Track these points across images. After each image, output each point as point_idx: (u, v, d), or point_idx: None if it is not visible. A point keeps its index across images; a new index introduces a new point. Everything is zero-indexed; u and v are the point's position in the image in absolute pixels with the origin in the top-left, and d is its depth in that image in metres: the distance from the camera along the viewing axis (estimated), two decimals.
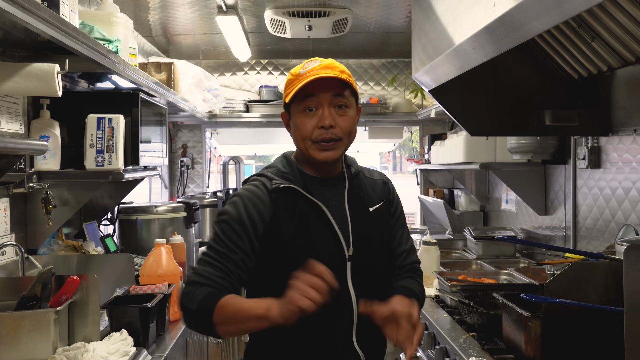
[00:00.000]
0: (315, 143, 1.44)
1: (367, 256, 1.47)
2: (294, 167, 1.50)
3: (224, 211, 1.44)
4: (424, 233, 3.43)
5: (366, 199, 1.53)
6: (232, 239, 1.39)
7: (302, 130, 1.44)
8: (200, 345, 2.52)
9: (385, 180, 1.63)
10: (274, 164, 1.54)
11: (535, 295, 1.52)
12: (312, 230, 1.43)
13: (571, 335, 1.58)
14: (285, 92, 1.49)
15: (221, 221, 1.42)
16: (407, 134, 5.40)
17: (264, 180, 1.47)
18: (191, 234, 3.06)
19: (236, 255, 1.38)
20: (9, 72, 1.70)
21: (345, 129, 1.45)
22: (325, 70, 1.42)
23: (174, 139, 4.68)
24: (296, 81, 1.44)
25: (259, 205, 1.42)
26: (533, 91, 2.29)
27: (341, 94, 1.44)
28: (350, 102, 1.46)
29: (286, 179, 1.45)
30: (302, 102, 1.43)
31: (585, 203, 2.64)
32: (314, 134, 1.43)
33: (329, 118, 1.42)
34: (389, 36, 3.99)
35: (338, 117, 1.43)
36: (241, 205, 1.42)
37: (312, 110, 1.43)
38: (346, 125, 1.45)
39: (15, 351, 1.54)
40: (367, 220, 1.51)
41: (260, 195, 1.43)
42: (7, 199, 2.08)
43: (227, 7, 3.17)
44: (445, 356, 2.04)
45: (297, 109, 1.45)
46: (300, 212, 1.43)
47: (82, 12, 2.13)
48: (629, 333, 1.22)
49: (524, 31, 1.29)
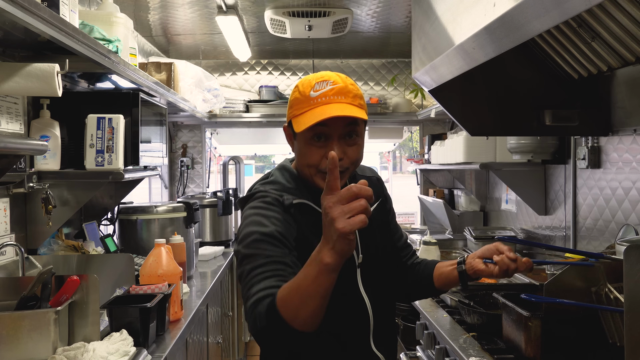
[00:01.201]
0: (320, 173, 1.36)
1: (375, 259, 1.46)
2: (298, 182, 1.42)
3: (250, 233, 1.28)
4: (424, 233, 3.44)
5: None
6: (270, 249, 1.25)
7: (309, 159, 1.36)
8: (200, 345, 2.52)
9: (378, 177, 1.62)
10: (276, 180, 1.43)
11: (535, 295, 1.51)
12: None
13: (571, 335, 1.58)
14: (291, 111, 1.39)
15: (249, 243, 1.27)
16: (407, 134, 5.40)
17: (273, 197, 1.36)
18: (191, 234, 3.06)
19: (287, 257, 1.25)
20: (9, 72, 1.70)
21: (354, 159, 1.38)
22: (339, 98, 1.32)
23: (174, 139, 4.68)
24: (305, 104, 1.33)
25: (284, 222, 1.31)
26: (533, 91, 2.29)
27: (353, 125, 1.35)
28: (361, 130, 1.38)
29: (295, 195, 1.38)
30: (310, 130, 1.32)
31: (585, 203, 2.64)
32: (322, 164, 1.35)
33: (338, 151, 1.32)
34: (389, 36, 3.99)
35: (347, 148, 1.35)
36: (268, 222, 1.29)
37: (321, 139, 1.34)
38: (354, 155, 1.37)
39: (15, 351, 1.54)
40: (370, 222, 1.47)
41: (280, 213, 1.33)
42: (7, 199, 2.08)
43: (227, 7, 3.17)
44: (445, 356, 2.04)
45: (304, 134, 1.35)
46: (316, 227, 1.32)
47: (82, 12, 2.13)
48: (629, 333, 1.22)
49: (524, 31, 1.29)
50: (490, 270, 1.43)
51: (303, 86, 1.37)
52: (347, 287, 1.40)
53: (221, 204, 3.98)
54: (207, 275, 3.13)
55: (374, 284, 1.45)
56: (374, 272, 1.46)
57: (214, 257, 3.64)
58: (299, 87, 1.38)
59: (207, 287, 2.79)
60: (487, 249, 1.47)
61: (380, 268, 1.49)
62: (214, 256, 3.65)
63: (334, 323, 1.34)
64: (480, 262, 1.45)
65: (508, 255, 1.41)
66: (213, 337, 2.86)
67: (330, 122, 1.31)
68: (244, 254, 1.27)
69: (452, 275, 1.51)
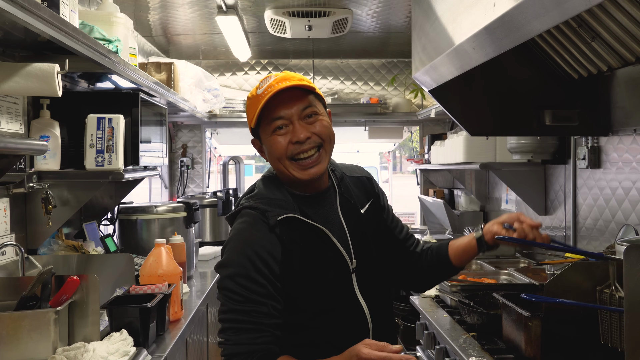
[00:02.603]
0: (293, 161, 1.35)
1: (369, 262, 1.45)
2: (283, 191, 1.39)
3: (231, 262, 1.30)
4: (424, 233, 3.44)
5: (357, 202, 1.48)
6: (253, 291, 1.26)
7: (276, 150, 1.35)
8: (200, 345, 2.52)
9: (368, 176, 1.58)
10: (260, 193, 1.40)
11: (535, 295, 1.52)
12: (318, 254, 1.36)
13: (571, 335, 1.58)
14: (248, 117, 1.40)
15: (234, 275, 1.28)
16: (407, 134, 5.40)
17: (258, 214, 1.34)
18: (191, 234, 3.06)
19: (264, 306, 1.27)
20: (9, 72, 1.70)
21: (323, 134, 1.36)
22: (283, 83, 1.33)
23: (174, 139, 4.68)
24: (256, 102, 1.35)
25: (267, 245, 1.30)
26: (533, 91, 2.29)
27: (308, 105, 1.35)
28: (319, 109, 1.38)
29: (281, 207, 1.35)
30: (269, 124, 1.35)
31: (585, 203, 2.64)
32: (289, 150, 1.34)
33: (302, 131, 1.33)
34: (389, 36, 3.99)
35: (310, 126, 1.35)
36: (250, 251, 1.29)
37: (282, 128, 1.34)
38: (322, 130, 1.36)
39: (15, 351, 1.54)
40: (361, 224, 1.46)
41: (264, 233, 1.31)
42: (7, 199, 2.08)
43: (227, 7, 3.17)
44: (445, 356, 2.04)
45: (265, 131, 1.37)
46: (304, 239, 1.35)
47: (82, 12, 2.13)
48: (629, 333, 1.22)
49: (524, 31, 1.29)
50: (509, 234, 1.44)
51: (251, 92, 1.40)
52: (344, 294, 1.39)
53: (221, 204, 3.98)
54: (207, 275, 3.13)
55: (370, 288, 1.43)
56: (369, 275, 1.44)
57: (214, 257, 3.64)
58: (248, 95, 1.41)
59: (207, 287, 2.79)
60: (508, 216, 1.49)
61: (376, 271, 1.47)
62: (214, 256, 3.65)
63: (334, 333, 1.35)
64: (500, 226, 1.46)
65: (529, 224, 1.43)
66: (213, 337, 2.86)
67: (284, 109, 1.33)
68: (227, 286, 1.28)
69: (469, 246, 1.51)
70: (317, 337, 1.35)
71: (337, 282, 1.38)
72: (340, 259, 1.38)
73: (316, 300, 1.34)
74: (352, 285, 1.40)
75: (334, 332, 1.35)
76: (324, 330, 1.35)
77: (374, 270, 1.46)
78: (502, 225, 1.47)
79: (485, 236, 1.49)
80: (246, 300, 1.26)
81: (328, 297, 1.35)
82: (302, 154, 1.35)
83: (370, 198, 1.53)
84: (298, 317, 1.34)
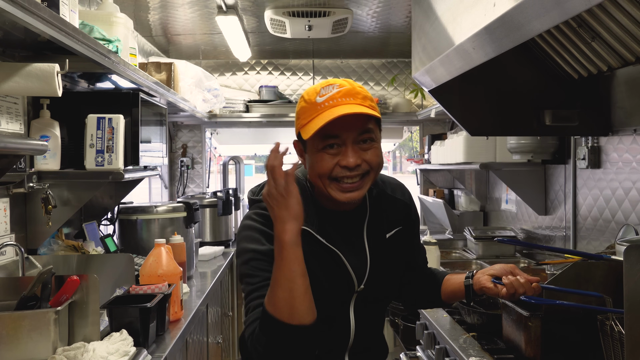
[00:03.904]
0: (335, 181, 1.28)
1: (377, 288, 1.41)
2: (308, 201, 1.32)
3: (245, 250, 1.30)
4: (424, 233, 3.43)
5: (385, 226, 1.43)
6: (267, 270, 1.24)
7: (319, 168, 1.27)
8: (200, 345, 2.52)
9: (407, 202, 1.51)
10: None
11: (535, 297, 1.51)
12: (325, 270, 1.33)
13: (571, 335, 1.58)
14: (298, 122, 1.31)
15: (248, 260, 1.28)
16: (407, 134, 5.41)
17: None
18: (191, 234, 3.06)
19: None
20: (9, 72, 1.70)
21: (374, 162, 1.28)
22: (347, 99, 1.24)
23: (174, 139, 4.68)
24: (312, 111, 1.26)
25: None
26: (533, 91, 2.29)
27: (366, 130, 1.26)
28: (376, 134, 1.29)
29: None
30: (321, 139, 1.25)
31: (585, 203, 2.64)
32: (335, 171, 1.26)
33: (353, 157, 1.25)
34: (389, 36, 3.99)
35: (363, 153, 1.27)
36: (264, 240, 1.28)
37: (334, 147, 1.26)
38: (374, 159, 1.28)
39: (15, 351, 1.54)
40: (382, 249, 1.41)
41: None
42: (7, 199, 2.08)
43: (227, 7, 3.17)
44: (445, 356, 2.04)
45: (315, 144, 1.27)
46: (316, 254, 1.31)
47: (82, 12, 2.13)
48: (629, 333, 1.22)
49: (524, 31, 1.29)
50: (496, 291, 1.41)
51: (308, 94, 1.30)
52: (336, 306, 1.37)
53: (221, 204, 3.98)
54: (207, 275, 3.13)
55: (366, 308, 1.42)
56: (371, 299, 1.41)
57: (214, 257, 3.64)
58: (305, 96, 1.31)
59: (207, 287, 2.79)
60: (501, 267, 1.44)
61: (380, 296, 1.45)
62: (214, 256, 3.65)
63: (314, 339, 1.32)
64: (489, 279, 1.43)
65: (519, 279, 1.38)
66: (213, 337, 2.86)
67: (341, 129, 1.24)
68: (242, 272, 1.30)
69: (458, 288, 1.50)
70: None
71: (334, 297, 1.36)
72: (348, 281, 1.36)
73: None
74: (348, 302, 1.39)
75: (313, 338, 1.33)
76: None
77: (378, 295, 1.44)
78: (491, 279, 1.43)
79: (474, 286, 1.45)
80: (263, 279, 1.24)
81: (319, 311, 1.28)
82: (347, 179, 1.28)
83: (401, 225, 1.46)
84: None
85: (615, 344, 1.40)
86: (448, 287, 1.54)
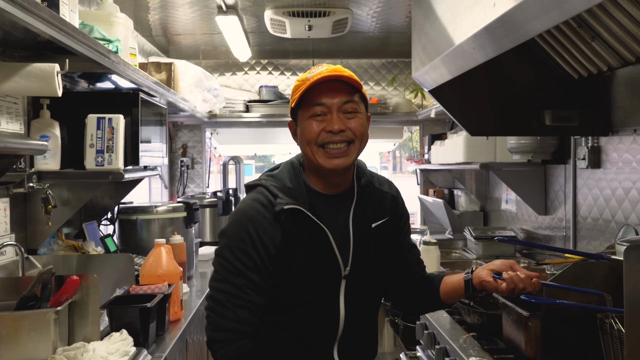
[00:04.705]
0: (321, 148, 1.38)
1: (363, 274, 1.45)
2: (300, 182, 1.43)
3: (234, 234, 1.37)
4: (424, 233, 3.43)
5: (371, 215, 1.49)
6: (248, 266, 1.33)
7: (308, 134, 1.38)
8: (200, 345, 2.52)
9: (395, 195, 1.56)
10: (280, 175, 1.45)
11: (535, 296, 1.51)
12: (313, 252, 1.39)
13: (571, 335, 1.58)
14: (291, 98, 1.44)
15: (233, 247, 1.35)
16: (407, 134, 5.40)
17: (269, 196, 1.39)
18: (191, 234, 3.06)
19: (254, 284, 1.34)
20: (9, 72, 1.70)
21: (357, 131, 1.39)
22: (333, 72, 1.37)
23: (174, 139, 4.68)
24: (302, 86, 1.39)
25: (269, 228, 1.36)
26: (533, 91, 2.29)
27: (350, 100, 1.38)
28: (360, 108, 1.41)
29: (292, 197, 1.39)
30: (309, 109, 1.38)
31: (585, 203, 2.64)
32: (320, 137, 1.37)
33: (337, 122, 1.36)
34: (389, 36, 3.99)
35: (348, 121, 1.38)
36: (252, 229, 1.35)
37: (320, 115, 1.38)
38: (357, 127, 1.39)
39: (15, 351, 1.54)
40: (367, 236, 1.47)
41: (267, 217, 1.36)
42: (7, 199, 2.08)
43: (227, 7, 3.17)
44: (445, 356, 2.04)
45: (303, 114, 1.40)
46: (305, 234, 1.38)
47: (82, 12, 2.13)
48: (629, 333, 1.22)
49: (524, 31, 1.29)
50: (496, 286, 1.41)
51: (301, 75, 1.43)
52: (326, 295, 1.41)
53: (221, 204, 3.98)
54: (207, 276, 3.13)
55: (357, 298, 1.44)
56: (360, 287, 1.45)
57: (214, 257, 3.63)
58: (298, 78, 1.44)
59: (207, 287, 2.78)
60: (501, 263, 1.46)
61: (369, 285, 1.48)
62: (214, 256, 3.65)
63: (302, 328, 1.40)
64: (489, 274, 1.44)
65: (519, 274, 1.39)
66: None
67: (326, 98, 1.36)
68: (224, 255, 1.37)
69: (458, 285, 1.50)
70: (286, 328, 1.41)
71: (323, 283, 1.41)
72: (333, 263, 1.41)
73: (296, 293, 1.38)
74: (338, 290, 1.42)
75: (303, 327, 1.40)
76: (294, 323, 1.41)
77: (367, 284, 1.47)
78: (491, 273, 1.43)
79: (474, 280, 1.46)
80: (240, 273, 1.33)
81: (308, 293, 1.39)
82: (332, 144, 1.37)
83: (387, 216, 1.51)
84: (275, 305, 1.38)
85: (614, 342, 1.40)
86: (447, 286, 1.54)
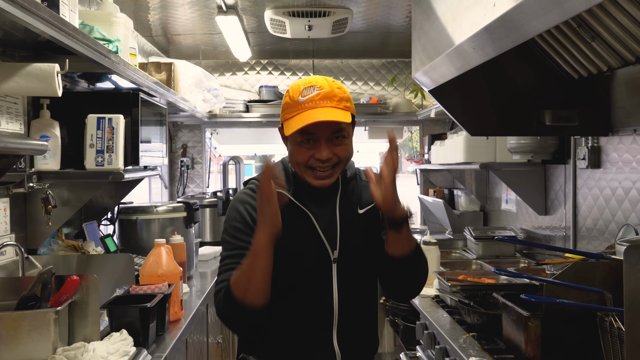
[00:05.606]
0: (310, 169, 1.46)
1: (353, 258, 1.50)
2: (288, 174, 1.53)
3: (228, 217, 1.52)
4: (424, 233, 3.43)
5: (357, 202, 1.55)
6: (240, 238, 1.45)
7: (297, 156, 1.46)
8: (200, 345, 2.52)
9: None
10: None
11: (535, 296, 1.52)
12: (300, 236, 1.47)
13: (571, 335, 1.58)
14: (282, 115, 1.48)
15: (227, 227, 1.50)
16: (407, 134, 5.40)
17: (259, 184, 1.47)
18: (191, 234, 3.06)
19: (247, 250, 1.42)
20: (9, 72, 1.70)
21: (343, 156, 1.46)
22: (324, 102, 1.40)
23: (174, 139, 4.68)
24: (294, 109, 1.42)
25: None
26: (533, 91, 2.29)
27: (339, 129, 1.43)
28: (348, 131, 1.46)
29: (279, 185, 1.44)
30: (299, 134, 1.42)
31: (585, 203, 2.64)
32: (309, 162, 1.45)
33: (326, 151, 1.42)
34: (389, 36, 3.99)
35: (335, 148, 1.44)
36: (242, 209, 1.49)
37: (310, 142, 1.44)
38: (344, 153, 1.46)
39: (15, 351, 1.54)
40: (355, 222, 1.52)
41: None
42: (7, 199, 2.08)
43: (227, 7, 3.17)
44: (445, 356, 2.04)
45: (294, 137, 1.44)
46: (289, 217, 1.44)
47: (82, 12, 2.13)
48: (629, 333, 1.22)
49: (524, 31, 1.29)
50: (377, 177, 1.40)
51: (293, 91, 1.46)
52: (318, 279, 1.47)
53: (221, 204, 3.98)
54: (207, 275, 3.13)
55: (350, 282, 1.49)
56: (352, 270, 1.49)
57: (214, 257, 3.64)
58: (289, 92, 1.47)
59: (207, 287, 2.79)
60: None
61: (361, 268, 1.52)
62: (214, 256, 3.65)
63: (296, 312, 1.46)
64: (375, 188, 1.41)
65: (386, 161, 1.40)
66: (213, 337, 2.86)
67: (317, 129, 1.40)
68: (223, 238, 1.50)
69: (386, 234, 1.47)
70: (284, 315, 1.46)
71: (314, 267, 1.47)
72: (321, 247, 1.47)
73: (287, 275, 1.44)
74: (330, 274, 1.47)
75: (297, 311, 1.46)
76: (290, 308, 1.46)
77: (358, 268, 1.51)
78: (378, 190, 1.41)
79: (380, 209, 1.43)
80: (236, 247, 1.45)
81: (299, 276, 1.46)
82: (320, 169, 1.45)
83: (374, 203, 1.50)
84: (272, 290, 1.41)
85: (614, 340, 1.40)
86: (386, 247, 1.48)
